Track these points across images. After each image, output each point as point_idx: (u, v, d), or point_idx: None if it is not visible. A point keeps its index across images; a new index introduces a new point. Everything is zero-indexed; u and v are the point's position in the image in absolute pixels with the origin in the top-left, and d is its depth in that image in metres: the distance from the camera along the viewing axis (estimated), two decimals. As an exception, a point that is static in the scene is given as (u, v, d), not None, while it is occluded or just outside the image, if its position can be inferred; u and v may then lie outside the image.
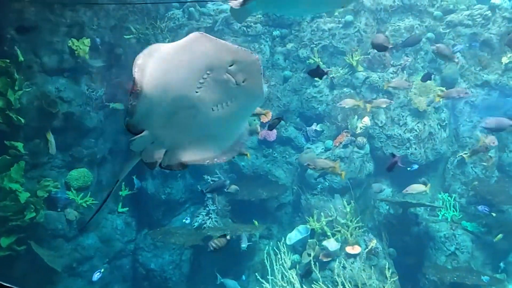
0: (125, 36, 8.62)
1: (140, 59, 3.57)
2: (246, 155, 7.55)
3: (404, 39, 8.41)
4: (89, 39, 7.66)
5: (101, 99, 8.12)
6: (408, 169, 8.32)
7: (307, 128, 9.27)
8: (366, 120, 8.97)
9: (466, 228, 8.56)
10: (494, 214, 8.11)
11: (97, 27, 8.03)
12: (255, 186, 9.00)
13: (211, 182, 8.52)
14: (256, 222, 8.24)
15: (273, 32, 9.61)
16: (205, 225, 8.35)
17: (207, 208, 8.53)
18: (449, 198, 8.85)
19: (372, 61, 9.32)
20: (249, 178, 9.22)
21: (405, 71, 9.15)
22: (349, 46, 9.42)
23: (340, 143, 8.94)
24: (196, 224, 8.43)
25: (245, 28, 9.46)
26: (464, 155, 8.70)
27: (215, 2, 9.10)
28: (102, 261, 8.23)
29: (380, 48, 6.71)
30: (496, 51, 9.32)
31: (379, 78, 9.13)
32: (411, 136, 9.00)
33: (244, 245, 7.80)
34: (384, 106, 8.62)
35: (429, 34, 9.55)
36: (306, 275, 7.45)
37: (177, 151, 3.90)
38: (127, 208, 8.62)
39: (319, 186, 8.79)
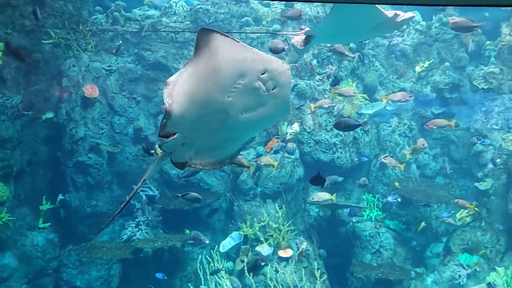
0: (43, 41, 8.12)
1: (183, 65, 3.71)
2: (249, 167, 7.29)
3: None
4: (2, 43, 7.12)
5: (17, 108, 7.58)
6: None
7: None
8: (296, 126, 9.25)
9: (389, 227, 9.11)
10: (399, 199, 8.73)
11: (12, 31, 7.49)
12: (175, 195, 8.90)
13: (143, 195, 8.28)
14: (187, 231, 8.11)
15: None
16: (134, 238, 8.06)
17: (137, 220, 8.25)
18: (372, 198, 9.35)
19: (299, 69, 9.64)
20: (181, 186, 9.06)
21: (330, 79, 9.57)
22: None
23: (271, 149, 9.10)
24: (125, 236, 8.11)
25: (173, 35, 9.35)
26: (384, 160, 9.20)
27: (141, 8, 8.92)
28: (21, 281, 7.63)
29: (278, 51, 7.03)
30: (411, 60, 10.09)
31: (307, 86, 9.46)
32: (337, 141, 9.40)
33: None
34: (326, 106, 8.80)
35: (351, 45, 10.08)
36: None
37: (205, 152, 4.10)
38: (49, 224, 8.08)
39: (251, 192, 8.87)
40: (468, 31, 7.96)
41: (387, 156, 9.12)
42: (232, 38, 3.82)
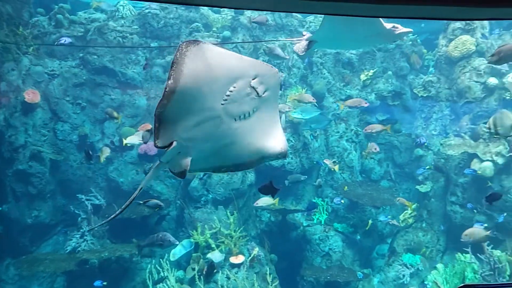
0: (-22, 43, 7.66)
1: (173, 69, 3.74)
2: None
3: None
4: None
5: None
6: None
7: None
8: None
9: (337, 229, 9.36)
10: (343, 201, 9.04)
11: None
12: (136, 203, 8.65)
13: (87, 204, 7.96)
14: (136, 241, 7.90)
15: (151, 44, 9.45)
16: (79, 249, 7.73)
17: (82, 230, 7.92)
18: (322, 202, 9.58)
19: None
20: (129, 194, 8.77)
21: (282, 87, 9.72)
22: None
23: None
24: (69, 248, 7.76)
25: (120, 39, 9.13)
26: (326, 161, 9.47)
27: (86, 11, 8.63)
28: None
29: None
30: (356, 69, 10.48)
31: (258, 92, 9.55)
32: (288, 146, 9.55)
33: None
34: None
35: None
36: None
37: (203, 160, 4.17)
38: (-16, 237, 7.57)
39: (202, 199, 8.80)
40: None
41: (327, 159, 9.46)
42: (221, 47, 3.99)
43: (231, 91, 3.91)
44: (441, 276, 8.28)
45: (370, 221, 9.11)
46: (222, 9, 9.88)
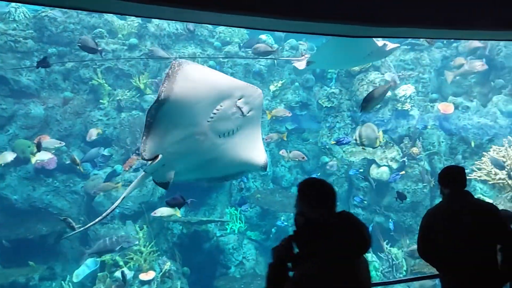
0: None
1: (164, 86, 3.90)
2: None
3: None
4: None
5: None
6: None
7: (89, 152, 8.68)
8: (156, 143, 9.03)
9: (251, 238, 9.46)
10: (249, 209, 9.29)
11: None
12: (34, 222, 7.96)
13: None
14: (33, 264, 7.18)
15: (48, 50, 8.76)
16: (-38, 277, 6.82)
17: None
18: (235, 211, 9.61)
19: (159, 85, 9.46)
20: (25, 213, 8.04)
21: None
22: (135, 69, 9.37)
23: (131, 167, 8.71)
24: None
25: (12, 43, 8.33)
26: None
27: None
28: None
29: (89, 50, 7.30)
30: (266, 80, 10.78)
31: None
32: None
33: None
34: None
35: (211, 62, 10.35)
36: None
37: (186, 172, 4.36)
38: None
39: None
40: (266, 55, 9.02)
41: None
42: (209, 68, 4.35)
43: (217, 110, 4.08)
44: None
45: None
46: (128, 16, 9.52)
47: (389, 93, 9.72)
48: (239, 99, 4.21)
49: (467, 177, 3.20)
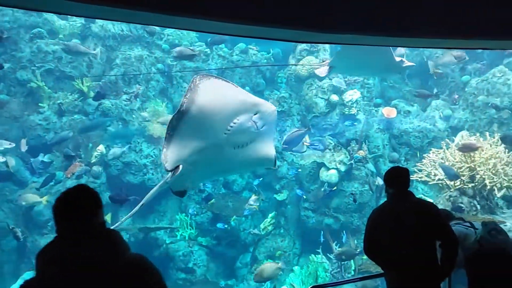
0: None
1: (186, 98, 4.19)
2: None
3: None
4: None
5: None
6: None
7: (33, 159, 8.19)
8: (101, 148, 8.68)
9: (202, 243, 9.31)
10: (196, 212, 9.24)
11: None
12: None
13: None
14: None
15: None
16: None
17: None
18: (186, 217, 9.43)
19: (104, 88, 9.12)
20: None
21: (138, 99, 9.35)
22: (78, 71, 8.95)
23: (73, 173, 8.29)
24: None
25: None
26: None
27: None
28: None
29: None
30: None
31: (112, 105, 9.01)
32: (147, 162, 9.21)
33: None
34: None
35: (159, 65, 10.12)
36: None
37: (200, 178, 4.77)
38: None
39: (49, 224, 7.85)
40: (190, 58, 9.16)
41: None
42: (231, 83, 4.56)
43: (234, 123, 4.40)
44: (298, 277, 8.85)
45: (234, 218, 9.21)
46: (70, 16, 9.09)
47: (336, 98, 10.00)
48: (255, 114, 4.51)
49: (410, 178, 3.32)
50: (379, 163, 9.61)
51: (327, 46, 10.71)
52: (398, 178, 3.14)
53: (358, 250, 8.11)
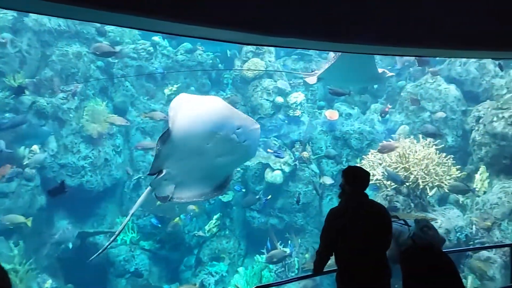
0: None
1: (172, 111, 4.84)
2: None
3: None
4: None
5: None
6: None
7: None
8: (36, 149, 8.18)
9: (144, 247, 9.04)
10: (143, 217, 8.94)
11: None
12: None
13: None
14: None
15: None
16: None
17: None
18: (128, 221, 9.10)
19: (38, 85, 8.59)
20: None
21: (76, 97, 8.91)
22: (9, 66, 8.35)
23: (3, 176, 7.73)
24: None
25: None
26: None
27: None
28: None
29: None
30: (159, 83, 10.45)
31: (48, 104, 8.51)
32: (86, 163, 8.81)
33: None
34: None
35: (99, 63, 9.71)
36: None
37: (184, 187, 5.11)
38: None
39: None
40: (109, 56, 8.99)
41: None
42: (212, 98, 5.25)
43: (217, 135, 4.86)
44: (243, 278, 8.88)
45: (177, 219, 9.03)
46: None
47: (281, 100, 10.16)
48: (237, 129, 4.93)
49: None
50: (322, 164, 9.88)
51: (272, 48, 10.85)
52: (361, 177, 3.20)
53: (288, 252, 8.31)
